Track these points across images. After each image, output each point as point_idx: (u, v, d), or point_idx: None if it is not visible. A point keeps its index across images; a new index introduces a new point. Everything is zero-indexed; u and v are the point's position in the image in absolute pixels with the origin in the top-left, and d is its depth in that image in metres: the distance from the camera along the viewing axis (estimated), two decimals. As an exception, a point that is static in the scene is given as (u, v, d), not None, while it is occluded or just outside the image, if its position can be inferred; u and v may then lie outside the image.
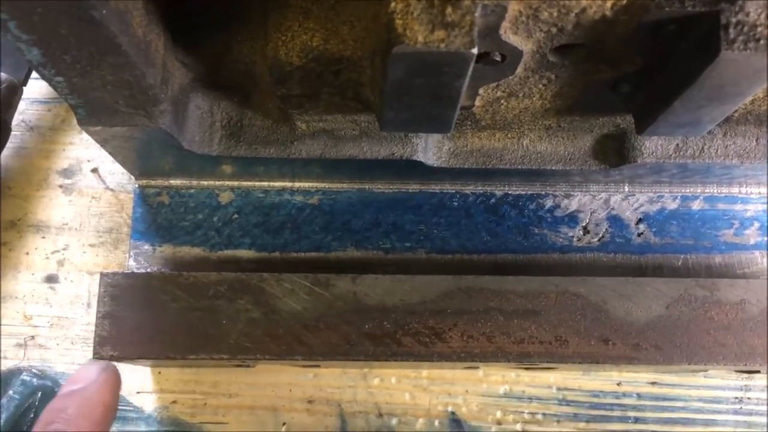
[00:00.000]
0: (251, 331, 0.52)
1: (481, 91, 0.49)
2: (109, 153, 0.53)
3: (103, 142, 0.50)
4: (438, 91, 0.40)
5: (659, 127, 0.45)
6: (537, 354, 0.56)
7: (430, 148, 0.57)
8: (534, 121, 0.56)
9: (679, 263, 0.61)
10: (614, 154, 0.57)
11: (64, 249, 0.65)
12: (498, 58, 0.42)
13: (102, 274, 0.53)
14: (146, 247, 0.61)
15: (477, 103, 0.50)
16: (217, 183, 0.62)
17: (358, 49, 0.42)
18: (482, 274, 0.60)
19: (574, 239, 0.63)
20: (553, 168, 0.57)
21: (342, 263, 0.61)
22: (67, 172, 0.66)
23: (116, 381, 0.47)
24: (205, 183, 0.62)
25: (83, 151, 0.67)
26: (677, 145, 0.53)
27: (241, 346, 0.52)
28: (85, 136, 0.61)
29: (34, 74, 0.63)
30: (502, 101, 0.50)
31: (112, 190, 0.66)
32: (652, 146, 0.56)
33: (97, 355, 0.51)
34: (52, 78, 0.40)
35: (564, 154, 0.58)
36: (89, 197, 0.66)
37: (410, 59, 0.35)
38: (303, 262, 0.61)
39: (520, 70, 0.45)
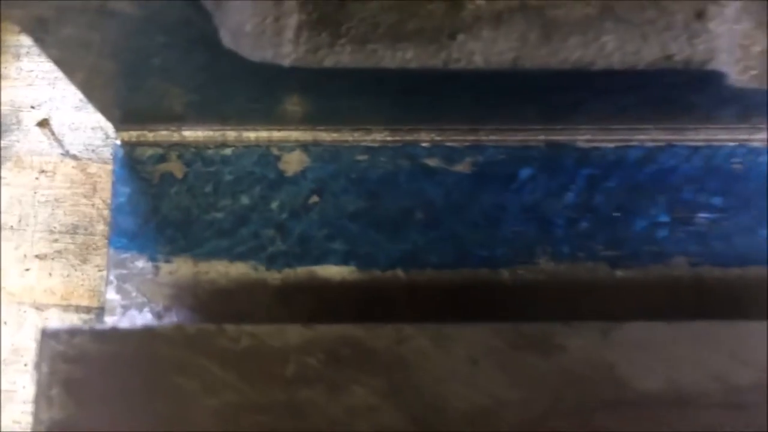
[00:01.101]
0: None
1: None
2: (61, 68, 0.38)
3: (41, 34, 0.34)
4: None
5: None
6: None
7: (734, 49, 0.39)
8: None
9: None
10: None
11: (-10, 265, 0.51)
12: None
13: (46, 334, 0.35)
14: (140, 262, 0.46)
15: None
16: (278, 134, 0.47)
17: None
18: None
19: None
20: None
21: (534, 289, 0.44)
22: (-4, 127, 0.53)
23: None
24: (254, 135, 0.47)
25: (23, 90, 0.54)
26: None
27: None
28: (26, 65, 0.53)
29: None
30: None
31: (74, 156, 0.52)
32: None
33: None
34: None
35: None
36: (35, 171, 0.53)
37: None
38: (453, 289, 0.44)
39: None
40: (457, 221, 0.45)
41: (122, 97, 0.43)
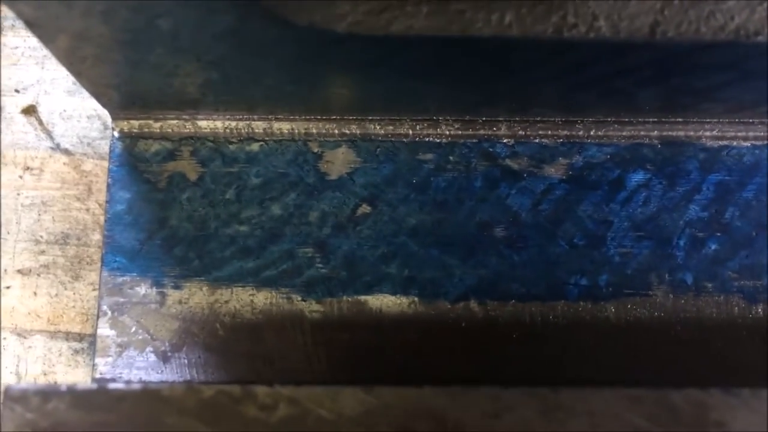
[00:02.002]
0: None
1: None
2: (37, 33, 0.32)
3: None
4: None
5: None
6: None
7: None
8: None
9: None
10: None
11: (-34, 280, 0.48)
12: None
13: (9, 397, 0.29)
14: (142, 288, 0.40)
15: None
16: (318, 126, 0.41)
17: None
18: None
19: None
20: None
21: (647, 329, 0.37)
22: (-26, 116, 0.50)
23: None
24: (288, 127, 0.41)
25: (7, 71, 0.50)
26: None
27: None
28: (11, 40, 0.50)
29: None
30: None
31: (66, 151, 0.48)
32: None
33: None
34: None
35: None
36: (19, 167, 0.48)
37: None
38: (543, 327, 0.37)
39: None
40: (548, 240, 0.38)
41: (120, 75, 0.36)
